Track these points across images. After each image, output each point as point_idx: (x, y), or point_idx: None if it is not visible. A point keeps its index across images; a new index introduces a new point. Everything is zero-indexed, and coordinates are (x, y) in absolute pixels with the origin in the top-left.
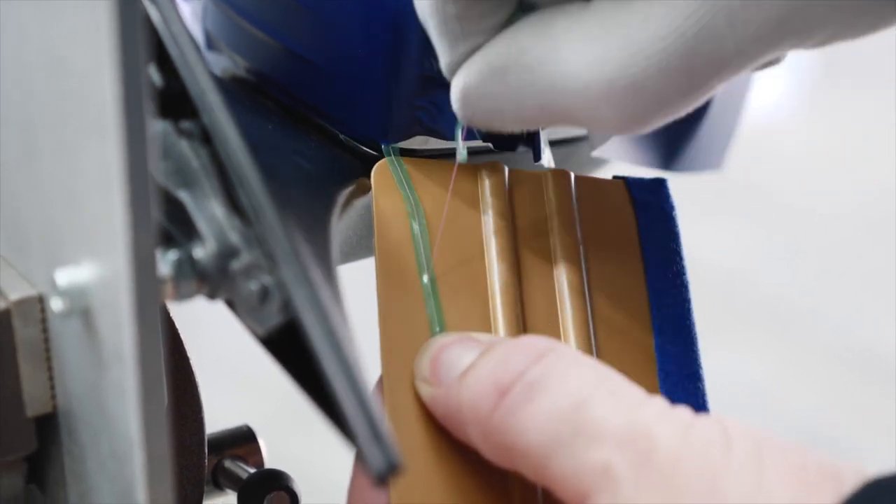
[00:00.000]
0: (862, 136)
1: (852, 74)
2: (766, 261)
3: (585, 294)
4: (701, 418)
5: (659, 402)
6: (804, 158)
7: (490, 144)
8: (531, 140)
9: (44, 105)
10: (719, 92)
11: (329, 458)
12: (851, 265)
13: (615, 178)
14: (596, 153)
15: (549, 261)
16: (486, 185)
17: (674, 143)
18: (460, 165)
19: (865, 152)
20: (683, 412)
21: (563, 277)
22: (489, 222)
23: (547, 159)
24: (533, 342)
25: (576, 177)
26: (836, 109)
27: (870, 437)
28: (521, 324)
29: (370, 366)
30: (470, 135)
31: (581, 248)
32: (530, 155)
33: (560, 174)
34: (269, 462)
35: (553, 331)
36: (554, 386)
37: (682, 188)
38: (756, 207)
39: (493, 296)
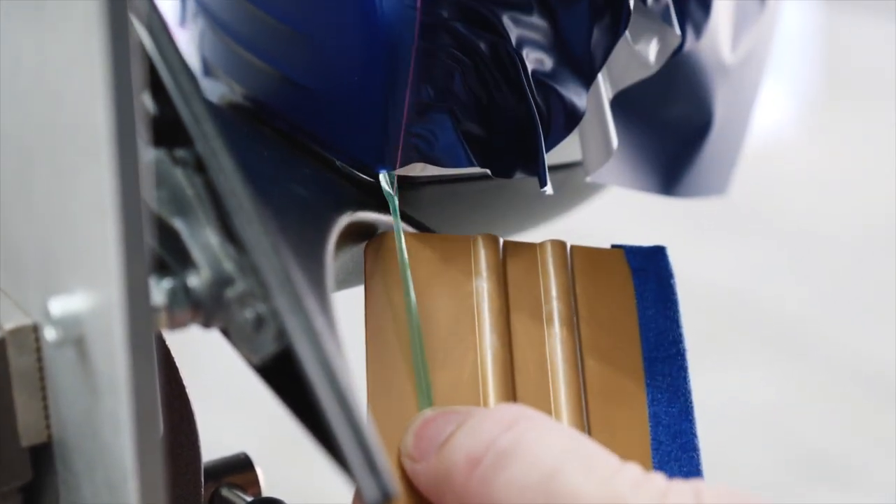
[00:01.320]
0: (864, 157)
1: (854, 95)
2: (769, 282)
3: (578, 364)
4: (675, 485)
5: (633, 470)
6: (806, 179)
7: (488, 171)
8: (529, 166)
9: (38, 133)
10: (721, 112)
11: (326, 486)
12: (857, 286)
13: (613, 246)
14: (591, 178)
15: (543, 331)
16: (481, 255)
17: (674, 166)
18: (457, 237)
19: (868, 173)
20: (658, 480)
21: (556, 348)
22: (482, 293)
23: (549, 186)
24: (504, 410)
25: (572, 247)
26: (837, 130)
27: (879, 459)
28: (512, 395)
29: (362, 389)
30: (468, 161)
31: (575, 317)
32: (528, 181)
33: (556, 245)
34: (267, 490)
35: (544, 401)
36: (525, 454)
37: (684, 209)
38: (758, 228)
39: (483, 367)
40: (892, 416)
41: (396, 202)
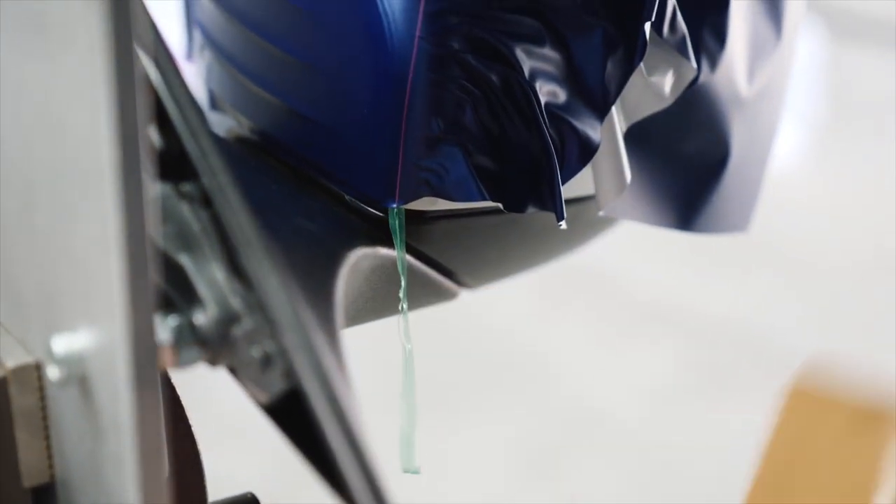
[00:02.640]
0: (872, 187)
1: (860, 125)
2: (777, 313)
3: None
4: None
5: None
6: (813, 210)
7: (500, 205)
8: (542, 200)
9: (42, 166)
10: (738, 146)
11: None
12: (864, 314)
13: None
14: (604, 212)
15: None
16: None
17: (690, 200)
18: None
19: (875, 203)
20: None
21: None
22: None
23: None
24: None
25: None
26: (844, 159)
27: None
28: None
29: (372, 429)
30: (479, 195)
31: None
32: (540, 215)
33: None
34: None
35: None
36: None
37: (691, 240)
38: (766, 259)
39: None
40: None
41: (402, 238)
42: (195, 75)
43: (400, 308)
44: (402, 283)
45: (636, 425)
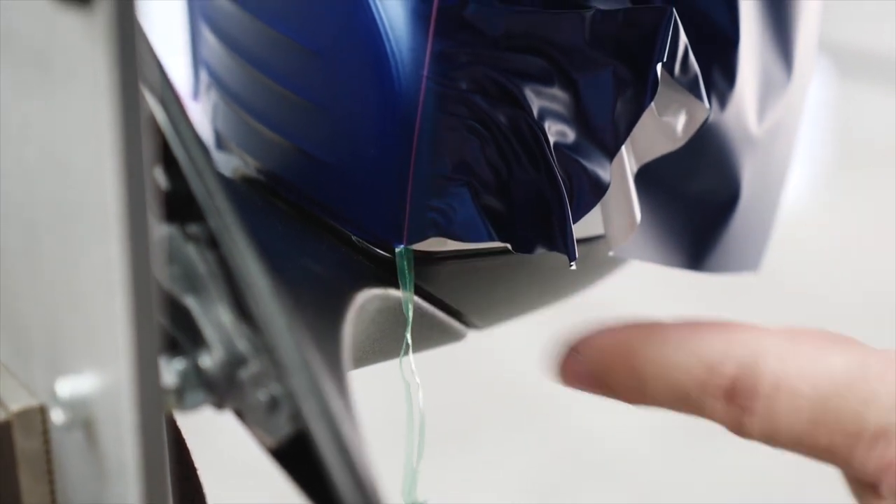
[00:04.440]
0: (879, 224)
1: (869, 165)
2: None
3: None
4: None
5: None
6: (823, 248)
7: (508, 245)
8: (551, 240)
9: (46, 206)
10: (749, 185)
11: None
12: None
13: None
14: (614, 252)
15: None
16: None
17: (701, 240)
18: None
19: (882, 240)
20: None
21: None
22: None
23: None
24: None
25: None
26: (854, 198)
27: None
28: None
29: (382, 474)
30: (488, 236)
31: None
32: (549, 255)
33: None
34: None
35: None
36: None
37: (702, 279)
38: (776, 297)
39: None
40: None
41: (410, 279)
42: (201, 115)
43: (404, 344)
44: (408, 321)
45: (647, 461)
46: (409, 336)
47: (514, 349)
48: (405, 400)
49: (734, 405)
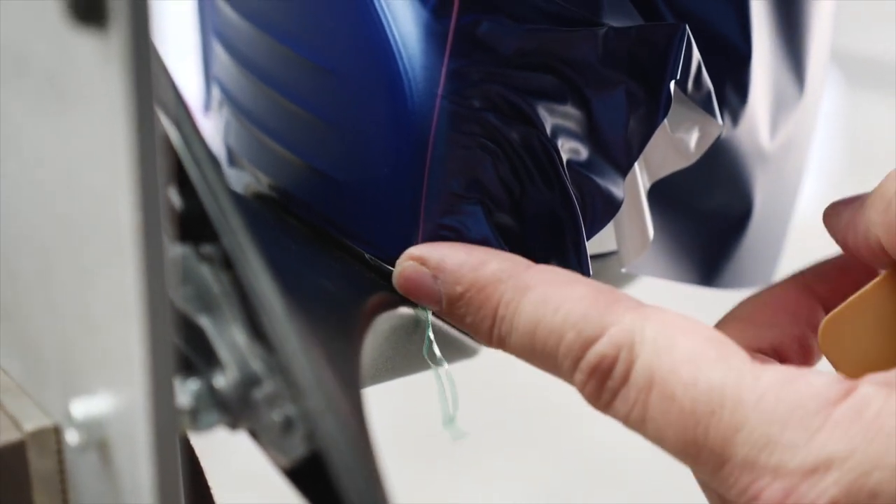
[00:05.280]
0: None
1: (879, 172)
2: None
3: None
4: None
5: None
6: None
7: None
8: (564, 257)
9: (60, 227)
10: (762, 201)
11: None
12: None
13: None
14: (627, 269)
15: None
16: None
17: (714, 256)
18: None
19: None
20: None
21: None
22: None
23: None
24: None
25: None
26: None
27: None
28: None
29: (398, 492)
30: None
31: None
32: None
33: None
34: None
35: None
36: None
37: (713, 295)
38: None
39: None
40: None
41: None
42: (213, 131)
43: (426, 340)
44: (428, 324)
45: (660, 474)
46: (430, 332)
47: (525, 366)
48: (433, 376)
49: (601, 384)
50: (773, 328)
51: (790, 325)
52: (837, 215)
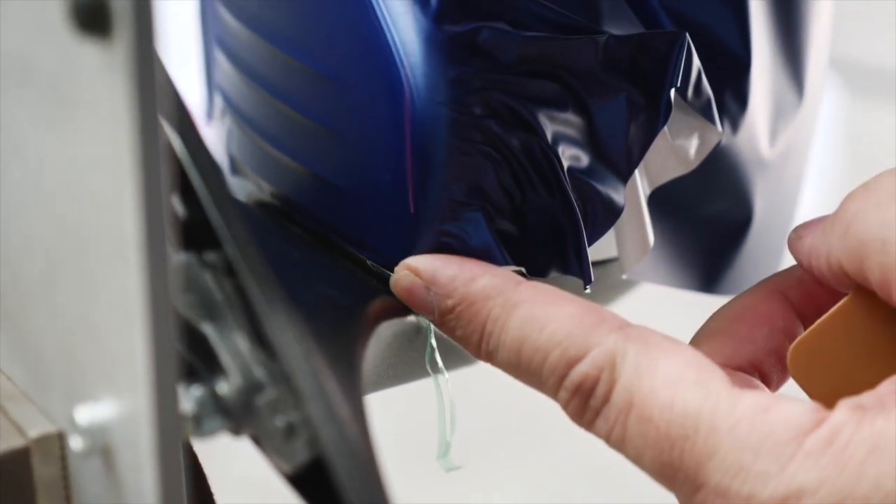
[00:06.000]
0: None
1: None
2: None
3: None
4: None
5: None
6: None
7: (522, 269)
8: (565, 264)
9: (63, 234)
10: (762, 207)
11: None
12: None
13: None
14: (627, 276)
15: None
16: None
17: (714, 262)
18: None
19: None
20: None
21: None
22: None
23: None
24: None
25: None
26: None
27: None
28: None
29: (400, 500)
30: (502, 260)
31: None
32: (561, 278)
33: None
34: None
35: None
36: None
37: (714, 301)
38: None
39: None
40: None
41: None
42: (215, 140)
43: (427, 347)
44: (430, 345)
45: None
46: (432, 340)
47: None
48: (434, 389)
49: (584, 403)
50: (751, 343)
51: (767, 338)
52: (800, 240)
